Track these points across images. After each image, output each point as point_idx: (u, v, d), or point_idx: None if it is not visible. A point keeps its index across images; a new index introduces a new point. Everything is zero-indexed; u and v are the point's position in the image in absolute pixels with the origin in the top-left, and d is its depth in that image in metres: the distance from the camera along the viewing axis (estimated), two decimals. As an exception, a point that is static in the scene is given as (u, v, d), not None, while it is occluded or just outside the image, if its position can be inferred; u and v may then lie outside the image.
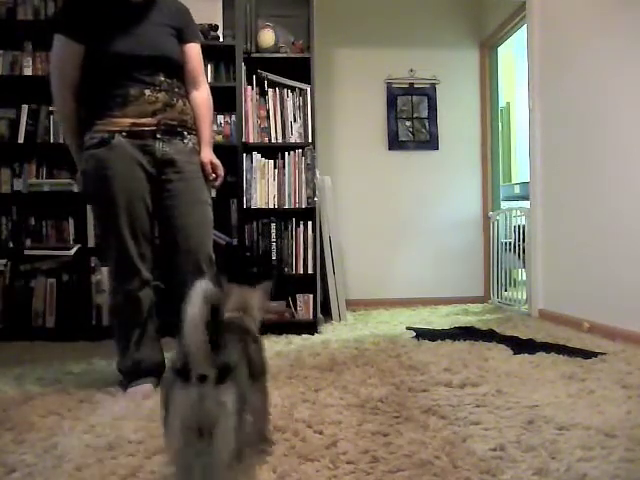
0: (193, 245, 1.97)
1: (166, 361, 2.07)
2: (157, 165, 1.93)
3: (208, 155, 2.06)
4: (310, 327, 3.13)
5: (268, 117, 3.34)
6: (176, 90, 1.98)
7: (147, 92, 1.89)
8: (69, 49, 1.90)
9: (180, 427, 0.95)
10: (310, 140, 3.31)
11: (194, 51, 2.07)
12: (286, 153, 3.30)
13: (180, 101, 1.99)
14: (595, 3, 2.98)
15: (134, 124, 1.88)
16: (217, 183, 2.12)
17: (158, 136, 1.91)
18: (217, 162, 2.09)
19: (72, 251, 3.15)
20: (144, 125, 1.89)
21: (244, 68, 3.26)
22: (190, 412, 0.94)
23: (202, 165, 2.04)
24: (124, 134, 1.87)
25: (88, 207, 3.14)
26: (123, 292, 1.94)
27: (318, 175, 3.41)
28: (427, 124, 4.44)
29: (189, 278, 1.95)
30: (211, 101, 2.12)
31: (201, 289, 0.92)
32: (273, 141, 3.34)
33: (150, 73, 1.91)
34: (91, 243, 3.17)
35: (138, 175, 1.90)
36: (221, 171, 2.10)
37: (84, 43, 1.90)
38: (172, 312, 2.00)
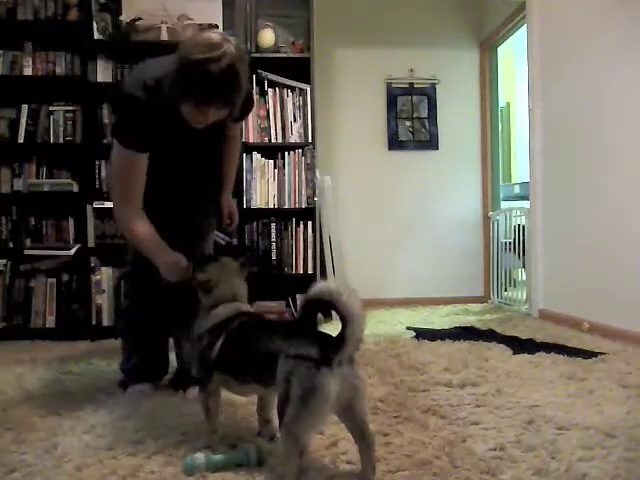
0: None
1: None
2: None
3: (229, 201, 2.09)
4: (310, 327, 3.12)
5: (268, 117, 3.34)
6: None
7: None
8: (140, 163, 1.72)
9: (331, 403, 1.10)
10: (310, 140, 3.31)
11: (239, 123, 2.05)
12: (286, 153, 3.30)
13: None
14: (595, 3, 2.98)
15: None
16: (231, 229, 2.17)
17: None
18: (234, 210, 2.12)
19: (72, 251, 3.15)
20: None
21: (244, 68, 3.26)
22: (340, 388, 1.11)
23: (220, 208, 2.06)
24: None
25: (88, 207, 3.14)
26: (137, 295, 1.96)
27: (318, 175, 3.41)
28: (427, 124, 4.44)
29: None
30: (240, 147, 2.15)
31: (350, 289, 1.11)
32: (273, 141, 3.34)
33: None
34: (91, 243, 3.16)
35: None
36: (236, 219, 2.13)
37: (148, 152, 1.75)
38: (173, 315, 1.99)
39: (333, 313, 1.13)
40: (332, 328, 1.15)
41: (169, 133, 1.72)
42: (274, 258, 3.27)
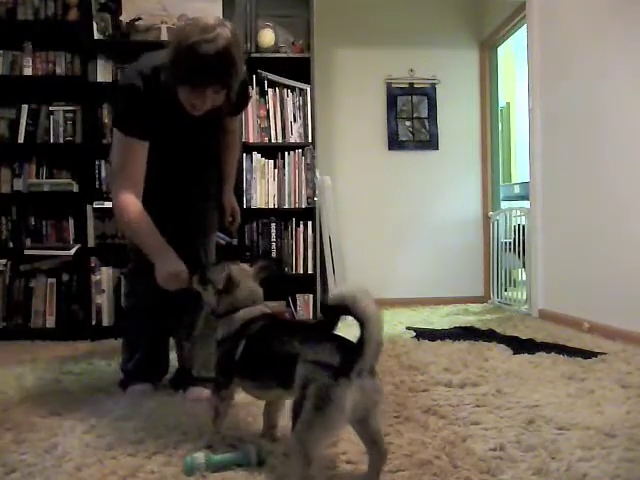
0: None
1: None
2: None
3: (231, 199, 2.10)
4: (310, 327, 3.13)
5: (268, 117, 3.34)
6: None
7: None
8: (141, 151, 1.72)
9: (346, 416, 1.08)
10: (310, 140, 3.31)
11: (238, 118, 2.05)
12: (286, 153, 3.30)
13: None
14: (595, 3, 2.98)
15: None
16: (233, 227, 2.16)
17: None
18: (237, 208, 2.13)
19: (72, 251, 3.15)
20: None
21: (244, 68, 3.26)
22: (357, 400, 1.08)
23: (223, 208, 2.07)
24: None
25: (88, 207, 3.14)
26: (138, 294, 1.96)
27: (318, 175, 3.41)
28: (427, 124, 4.44)
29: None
30: (240, 143, 2.16)
31: (367, 292, 1.11)
32: (273, 141, 3.34)
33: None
34: (91, 243, 3.16)
35: None
36: (239, 217, 2.14)
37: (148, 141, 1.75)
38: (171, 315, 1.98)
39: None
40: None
41: (168, 121, 1.73)
42: (274, 258, 3.27)
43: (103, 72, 3.25)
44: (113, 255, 3.09)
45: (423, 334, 2.88)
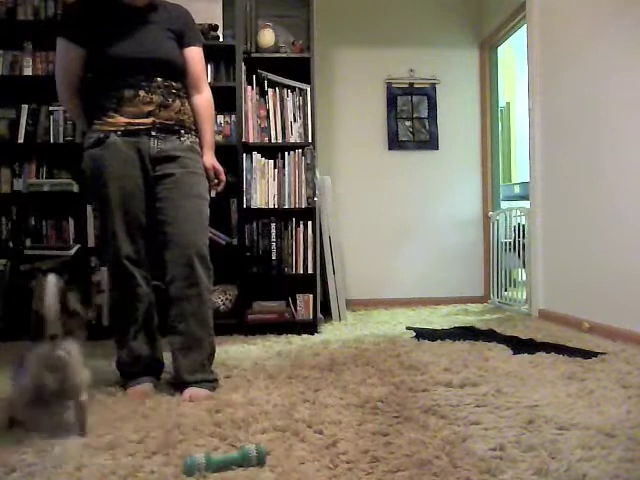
0: (183, 239, 1.91)
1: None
2: (152, 162, 1.94)
3: (210, 160, 2.07)
4: (310, 327, 3.13)
5: (268, 117, 3.34)
6: (173, 92, 1.97)
7: (142, 93, 1.91)
8: (71, 53, 1.97)
9: (38, 373, 1.45)
10: (310, 140, 3.31)
11: (194, 54, 2.05)
12: (286, 153, 3.29)
13: (178, 101, 1.98)
14: (595, 3, 2.98)
15: (129, 123, 1.90)
16: (219, 188, 2.13)
17: (153, 134, 1.92)
18: (219, 167, 2.10)
19: (72, 251, 3.15)
20: (139, 124, 1.91)
21: (244, 68, 3.26)
22: (51, 362, 1.46)
23: (205, 170, 2.05)
24: (119, 133, 1.89)
25: (88, 207, 3.15)
26: (118, 290, 1.96)
27: (318, 175, 3.41)
28: (427, 124, 4.44)
29: (178, 273, 1.91)
30: (212, 104, 2.12)
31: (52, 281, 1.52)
32: (273, 141, 3.33)
33: (146, 77, 1.91)
34: (91, 243, 3.17)
35: (133, 173, 1.91)
36: (223, 176, 2.12)
37: (85, 46, 1.94)
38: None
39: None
40: (331, 328, 1.15)
41: (112, 21, 1.93)
42: (274, 258, 3.27)
43: (103, 72, 3.25)
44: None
45: (423, 334, 2.88)
